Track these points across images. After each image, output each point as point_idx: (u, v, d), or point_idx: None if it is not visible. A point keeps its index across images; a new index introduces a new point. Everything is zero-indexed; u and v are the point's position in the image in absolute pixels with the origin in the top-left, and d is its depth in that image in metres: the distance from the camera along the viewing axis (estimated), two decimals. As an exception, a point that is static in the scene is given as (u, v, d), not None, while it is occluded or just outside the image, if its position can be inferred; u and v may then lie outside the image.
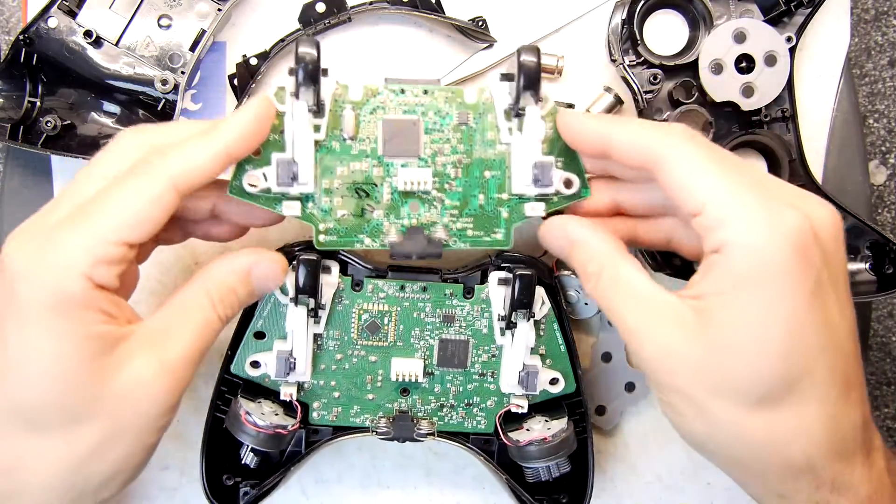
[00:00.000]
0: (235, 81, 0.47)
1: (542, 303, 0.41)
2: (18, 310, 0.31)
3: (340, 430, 0.43)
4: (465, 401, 0.43)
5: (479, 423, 0.44)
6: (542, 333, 0.42)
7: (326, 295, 0.41)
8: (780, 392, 0.31)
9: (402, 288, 0.42)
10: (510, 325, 0.41)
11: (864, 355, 0.50)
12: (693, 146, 0.33)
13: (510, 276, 0.40)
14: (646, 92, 0.46)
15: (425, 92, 0.39)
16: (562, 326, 0.42)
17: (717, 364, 0.31)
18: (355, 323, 0.42)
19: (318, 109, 0.38)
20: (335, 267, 0.41)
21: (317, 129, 0.38)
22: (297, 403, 0.42)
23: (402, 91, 0.39)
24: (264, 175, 0.37)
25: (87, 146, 0.46)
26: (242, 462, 0.43)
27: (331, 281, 0.41)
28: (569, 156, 0.39)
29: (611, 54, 0.47)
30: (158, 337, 0.34)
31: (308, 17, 0.46)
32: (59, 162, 0.48)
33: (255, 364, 0.42)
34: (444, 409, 0.43)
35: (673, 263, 0.46)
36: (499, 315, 0.42)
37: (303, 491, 0.49)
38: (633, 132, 0.35)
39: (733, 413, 0.31)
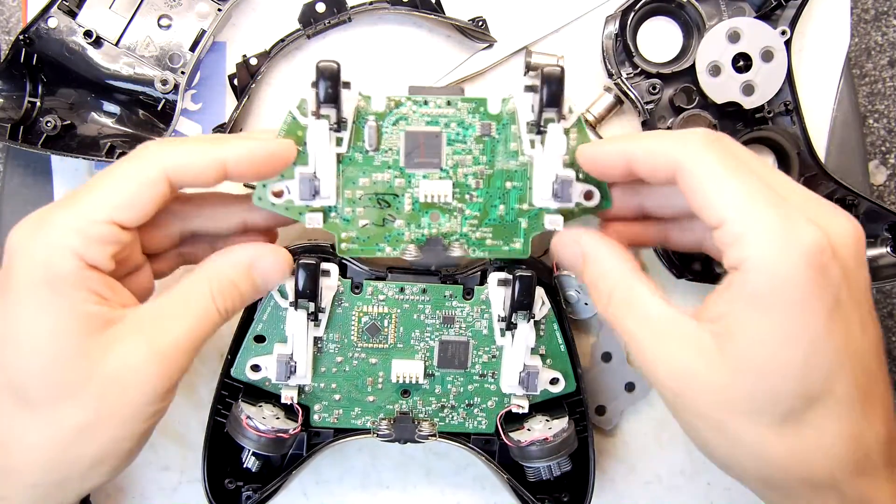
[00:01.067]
0: (235, 81, 0.47)
1: (541, 303, 0.41)
2: (13, 286, 0.32)
3: (342, 433, 0.43)
4: (466, 401, 0.43)
5: (480, 424, 0.44)
6: (541, 333, 0.42)
7: (326, 298, 0.41)
8: (800, 411, 0.30)
9: (402, 290, 0.42)
10: (510, 326, 0.41)
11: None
12: (712, 155, 0.32)
13: (509, 276, 0.40)
14: (646, 102, 0.46)
15: (448, 103, 0.40)
16: (562, 326, 0.42)
17: (738, 387, 0.31)
18: (355, 325, 0.42)
19: (339, 128, 0.38)
20: (334, 270, 0.41)
21: (339, 142, 0.39)
22: (298, 407, 0.42)
23: (426, 102, 0.39)
24: (287, 188, 0.38)
25: (87, 146, 0.46)
26: (244, 466, 0.43)
27: (330, 284, 0.41)
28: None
29: (607, 69, 0.47)
30: (152, 323, 0.34)
31: (308, 18, 0.46)
32: (59, 162, 0.48)
33: (256, 368, 0.42)
34: (445, 410, 0.43)
35: (693, 268, 0.46)
36: (499, 316, 0.42)
37: (303, 491, 0.49)
38: (652, 145, 0.34)
39: (756, 434, 0.31)
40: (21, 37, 0.44)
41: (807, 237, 0.30)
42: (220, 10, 0.45)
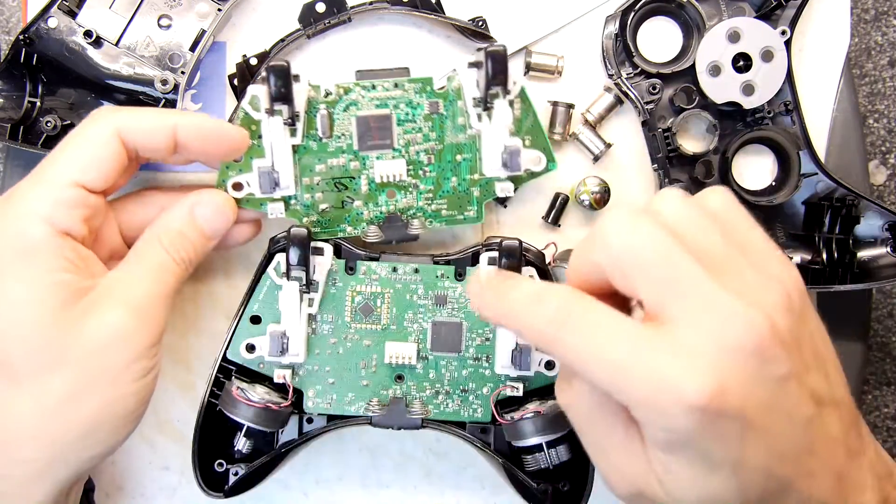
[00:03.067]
0: (235, 81, 0.47)
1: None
2: None
3: (335, 420, 0.43)
4: (461, 387, 0.43)
5: (476, 412, 0.44)
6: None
7: (320, 274, 0.42)
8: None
9: (395, 270, 0.43)
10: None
11: (865, 356, 0.50)
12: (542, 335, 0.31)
13: (500, 254, 0.41)
14: (646, 102, 0.46)
15: (395, 85, 0.42)
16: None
17: None
18: (349, 305, 0.43)
19: (293, 122, 0.40)
20: (328, 248, 0.42)
21: (293, 132, 0.41)
22: (289, 384, 0.42)
23: (374, 86, 0.42)
24: (247, 182, 0.40)
25: None
26: (236, 449, 0.44)
27: (324, 262, 0.42)
28: (536, 133, 0.42)
29: (607, 69, 0.47)
30: (120, 286, 0.36)
31: (308, 17, 0.46)
32: (59, 162, 0.48)
33: (251, 348, 0.42)
34: (440, 397, 0.43)
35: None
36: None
37: (304, 491, 0.49)
38: (514, 316, 0.32)
39: None
40: (21, 37, 0.44)
41: (691, 393, 0.27)
42: (220, 10, 0.45)
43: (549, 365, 0.42)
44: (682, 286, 0.29)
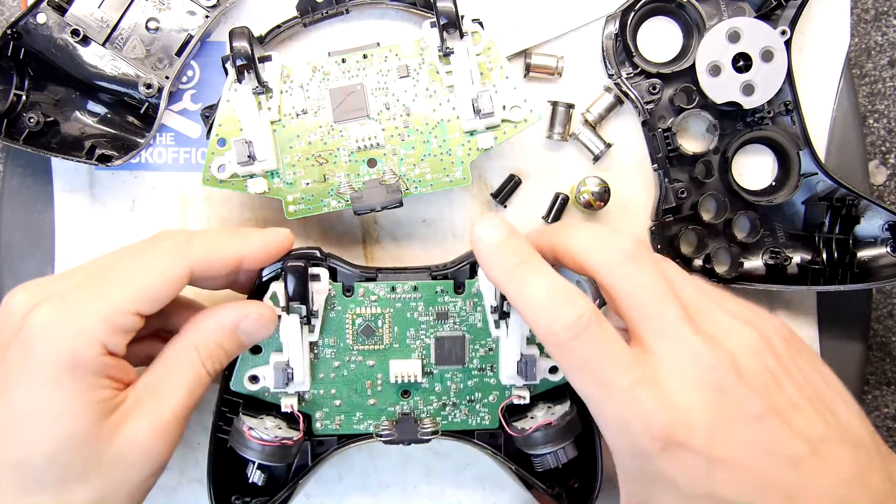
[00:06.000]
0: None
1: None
2: (33, 367, 0.33)
3: (345, 439, 0.43)
4: (467, 397, 0.43)
5: (483, 420, 0.43)
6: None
7: (318, 301, 0.41)
8: None
9: (393, 289, 0.42)
10: (503, 316, 0.41)
11: (865, 356, 0.50)
12: (566, 346, 0.33)
13: None
14: (646, 102, 0.46)
15: (365, 56, 0.43)
16: None
17: None
18: (350, 328, 0.42)
19: (263, 91, 0.42)
20: (324, 273, 0.41)
21: (270, 109, 0.42)
22: (298, 414, 0.42)
23: (344, 60, 0.43)
24: (228, 162, 0.41)
25: (69, 145, 0.46)
26: (250, 481, 0.42)
27: (321, 288, 0.41)
28: (508, 85, 0.42)
29: (607, 69, 0.47)
30: (150, 397, 0.35)
31: (306, 6, 0.46)
32: (59, 162, 0.48)
33: (254, 379, 0.41)
34: (447, 408, 0.43)
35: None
36: (491, 307, 0.42)
37: (304, 491, 0.49)
38: (527, 307, 0.34)
39: None
40: (9, 31, 0.44)
41: (651, 424, 0.30)
42: (207, 16, 0.45)
43: (554, 370, 0.42)
44: (666, 327, 0.32)
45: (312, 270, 0.40)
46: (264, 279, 0.41)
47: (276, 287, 0.40)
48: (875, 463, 0.31)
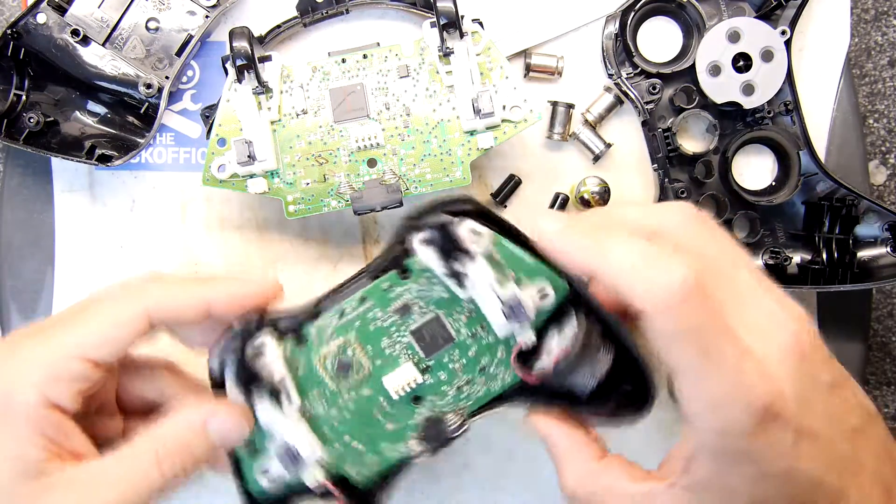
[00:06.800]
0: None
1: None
2: None
3: (388, 473, 0.39)
4: (477, 367, 0.39)
5: (504, 378, 0.39)
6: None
7: (278, 373, 0.37)
8: None
9: (342, 313, 0.38)
10: (457, 276, 0.36)
11: (865, 356, 0.50)
12: (677, 318, 0.28)
13: (431, 232, 0.36)
14: (646, 102, 0.46)
15: (365, 56, 0.43)
16: (518, 243, 0.37)
17: None
18: (326, 374, 0.38)
19: (263, 90, 0.42)
20: (270, 342, 0.37)
21: (270, 109, 0.42)
22: (333, 487, 0.37)
23: (344, 60, 0.43)
24: (228, 162, 0.42)
25: (69, 145, 0.46)
26: None
27: (271, 361, 0.37)
28: (508, 85, 0.42)
29: (607, 69, 0.47)
30: (85, 485, 0.32)
31: (306, 6, 0.46)
32: (58, 162, 0.48)
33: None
34: (463, 389, 0.39)
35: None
36: (443, 273, 0.37)
37: (303, 491, 0.49)
38: (620, 276, 0.30)
39: None
40: (9, 31, 0.44)
41: (754, 395, 0.28)
42: (207, 16, 0.45)
43: (543, 295, 0.37)
44: (745, 296, 0.30)
45: (255, 344, 0.36)
46: (211, 371, 0.37)
47: (227, 376, 0.36)
48: (890, 440, 0.32)
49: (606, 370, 0.37)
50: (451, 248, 0.36)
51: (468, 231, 0.36)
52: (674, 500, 0.31)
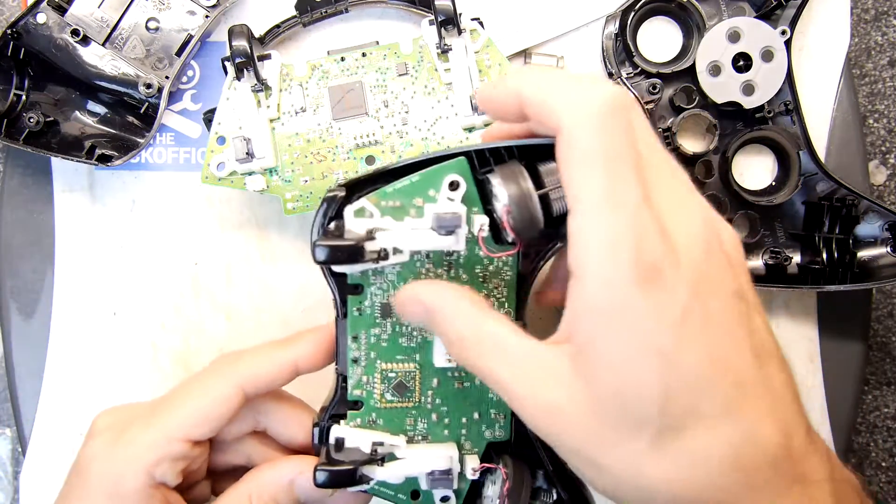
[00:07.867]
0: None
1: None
2: (84, 488, 0.34)
3: None
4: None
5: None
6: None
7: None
8: (669, 432, 0.27)
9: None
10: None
11: (865, 356, 0.50)
12: (595, 138, 0.27)
13: (331, 252, 0.32)
14: (646, 102, 0.46)
15: (364, 55, 0.43)
16: (401, 173, 0.33)
17: (601, 416, 0.27)
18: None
19: (262, 88, 0.42)
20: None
21: (269, 107, 0.43)
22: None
23: (343, 59, 0.43)
24: (227, 159, 0.42)
25: (69, 145, 0.46)
26: None
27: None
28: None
29: (607, 69, 0.47)
30: None
31: (305, 5, 0.46)
32: (59, 162, 0.48)
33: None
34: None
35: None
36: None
37: None
38: (542, 96, 0.29)
39: (629, 464, 0.27)
40: (9, 31, 0.44)
41: (649, 246, 0.26)
42: (207, 16, 0.45)
43: (455, 186, 0.33)
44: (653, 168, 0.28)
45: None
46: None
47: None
48: (796, 388, 0.29)
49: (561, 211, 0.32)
50: (354, 250, 0.32)
51: (355, 222, 0.32)
52: (552, 365, 0.28)
